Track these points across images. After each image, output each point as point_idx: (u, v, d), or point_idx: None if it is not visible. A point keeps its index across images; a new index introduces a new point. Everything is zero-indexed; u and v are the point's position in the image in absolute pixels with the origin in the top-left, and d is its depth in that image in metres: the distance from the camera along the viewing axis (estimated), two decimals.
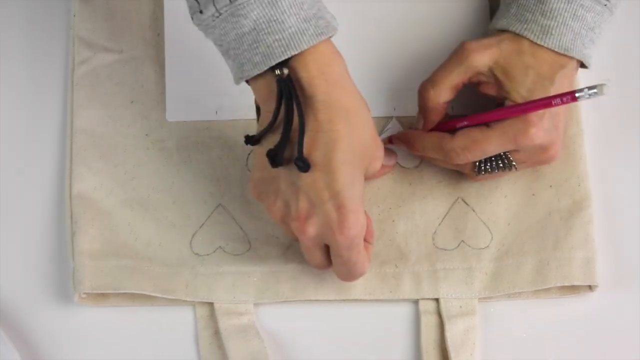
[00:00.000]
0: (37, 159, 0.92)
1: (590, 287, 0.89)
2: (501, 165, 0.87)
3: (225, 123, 0.92)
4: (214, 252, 0.89)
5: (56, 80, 0.94)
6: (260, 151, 0.80)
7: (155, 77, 0.93)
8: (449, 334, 0.87)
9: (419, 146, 0.88)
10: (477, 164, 0.87)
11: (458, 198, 0.91)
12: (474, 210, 0.90)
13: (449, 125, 0.88)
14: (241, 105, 0.91)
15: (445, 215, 0.90)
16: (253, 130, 0.83)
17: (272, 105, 0.78)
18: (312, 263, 0.84)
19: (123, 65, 0.93)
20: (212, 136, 0.92)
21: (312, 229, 0.80)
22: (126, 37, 0.94)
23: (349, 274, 0.83)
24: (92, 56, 0.93)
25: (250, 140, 0.81)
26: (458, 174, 0.91)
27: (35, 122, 0.93)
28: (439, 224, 0.90)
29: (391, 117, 0.93)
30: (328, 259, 0.83)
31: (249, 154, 0.91)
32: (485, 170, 0.87)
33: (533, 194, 0.91)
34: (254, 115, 0.84)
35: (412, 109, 0.93)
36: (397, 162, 0.91)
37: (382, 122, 0.92)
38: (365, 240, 0.83)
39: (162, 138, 0.92)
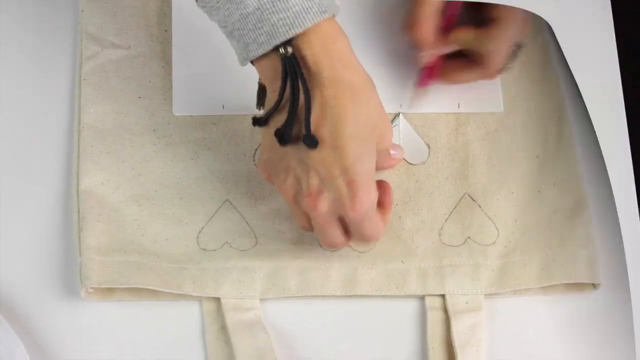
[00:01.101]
0: (44, 155, 0.92)
1: (594, 286, 0.89)
2: None
3: (232, 118, 0.92)
4: (221, 247, 0.89)
5: (63, 75, 0.94)
6: (267, 132, 0.80)
7: (163, 72, 0.93)
8: (455, 330, 0.87)
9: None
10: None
11: (465, 194, 0.91)
12: (480, 207, 0.90)
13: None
14: (248, 100, 0.91)
15: (451, 212, 0.90)
16: None
17: (278, 85, 0.78)
18: (326, 242, 0.84)
19: (131, 61, 0.94)
20: (219, 132, 0.92)
21: (323, 205, 0.80)
22: (134, 33, 0.94)
23: (363, 243, 0.86)
24: (100, 52, 0.94)
25: (258, 121, 0.81)
26: (465, 170, 0.91)
27: (42, 118, 0.93)
28: (446, 220, 0.90)
29: (397, 114, 0.93)
30: (341, 237, 0.84)
31: (256, 149, 0.92)
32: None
33: (539, 191, 0.91)
34: (261, 110, 0.84)
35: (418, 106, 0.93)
36: (404, 159, 0.92)
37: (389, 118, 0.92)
38: (383, 208, 0.84)
39: (169, 133, 0.92)
